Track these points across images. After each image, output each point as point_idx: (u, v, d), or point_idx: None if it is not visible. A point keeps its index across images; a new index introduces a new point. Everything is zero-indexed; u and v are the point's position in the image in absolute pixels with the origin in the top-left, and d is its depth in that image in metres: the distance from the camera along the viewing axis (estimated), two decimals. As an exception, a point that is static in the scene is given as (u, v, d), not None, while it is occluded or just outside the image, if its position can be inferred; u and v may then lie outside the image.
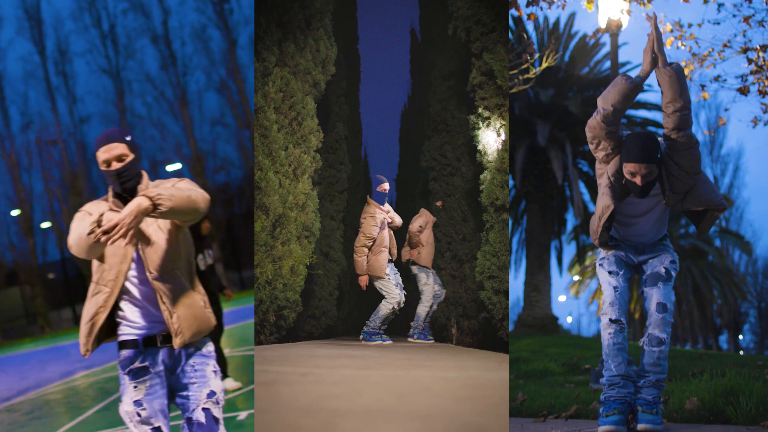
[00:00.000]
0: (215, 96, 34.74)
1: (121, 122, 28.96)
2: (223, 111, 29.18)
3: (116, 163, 2.48)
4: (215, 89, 28.86)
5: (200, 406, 2.52)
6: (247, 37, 26.19)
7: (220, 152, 29.87)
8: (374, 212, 6.44)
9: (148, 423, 2.48)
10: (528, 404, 4.37)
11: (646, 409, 3.11)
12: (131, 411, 2.49)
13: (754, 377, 4.53)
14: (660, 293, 3.12)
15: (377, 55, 23.40)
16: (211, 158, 29.04)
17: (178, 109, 29.11)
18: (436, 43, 7.70)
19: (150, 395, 2.50)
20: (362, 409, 2.30)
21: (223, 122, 29.26)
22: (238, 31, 28.21)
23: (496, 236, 5.59)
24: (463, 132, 6.89)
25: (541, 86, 15.96)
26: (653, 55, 2.96)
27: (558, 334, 16.16)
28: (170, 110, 29.34)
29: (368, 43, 17.38)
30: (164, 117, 29.53)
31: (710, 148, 37.39)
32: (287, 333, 6.22)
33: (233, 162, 28.45)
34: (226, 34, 28.15)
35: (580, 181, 16.76)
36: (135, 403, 2.48)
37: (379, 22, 17.45)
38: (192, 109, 30.50)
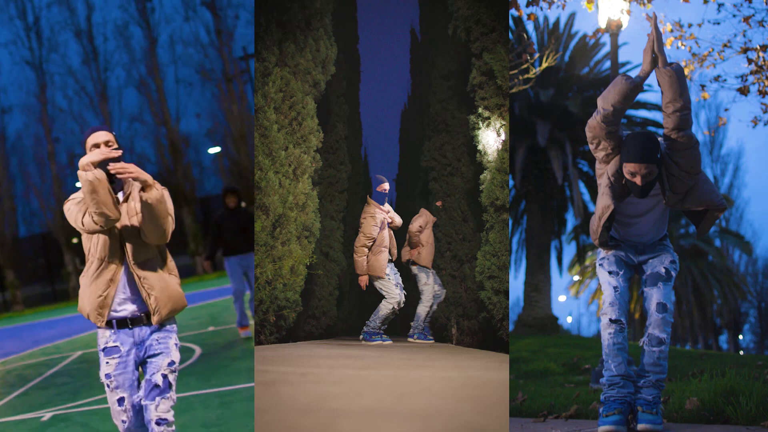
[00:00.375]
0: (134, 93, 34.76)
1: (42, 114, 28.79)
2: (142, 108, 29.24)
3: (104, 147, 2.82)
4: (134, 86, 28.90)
5: (160, 371, 2.96)
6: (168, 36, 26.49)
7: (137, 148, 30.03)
8: (374, 212, 6.44)
9: (115, 392, 2.97)
10: (528, 404, 4.37)
11: (646, 409, 3.12)
12: (104, 382, 2.98)
13: (754, 377, 4.53)
14: (660, 293, 3.12)
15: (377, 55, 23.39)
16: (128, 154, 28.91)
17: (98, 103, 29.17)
18: (436, 43, 7.70)
19: (118, 370, 2.95)
20: (362, 409, 2.30)
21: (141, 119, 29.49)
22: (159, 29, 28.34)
23: (496, 236, 5.59)
24: (463, 132, 6.89)
25: (541, 86, 15.96)
26: (653, 55, 2.96)
27: (558, 334, 16.16)
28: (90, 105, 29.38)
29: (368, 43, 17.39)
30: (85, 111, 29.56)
31: (710, 148, 37.39)
32: (287, 333, 6.22)
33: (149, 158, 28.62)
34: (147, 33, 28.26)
35: (580, 181, 16.76)
36: (106, 375, 2.96)
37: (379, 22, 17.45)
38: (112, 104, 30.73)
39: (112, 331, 2.95)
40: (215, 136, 25.57)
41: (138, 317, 2.95)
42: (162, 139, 27.48)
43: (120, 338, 2.95)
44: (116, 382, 2.95)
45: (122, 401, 2.96)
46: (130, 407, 2.96)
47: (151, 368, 2.97)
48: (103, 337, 2.97)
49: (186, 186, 24.91)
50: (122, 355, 2.95)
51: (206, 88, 25.54)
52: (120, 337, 2.95)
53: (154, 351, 2.97)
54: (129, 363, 2.97)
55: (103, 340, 2.97)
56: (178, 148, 25.55)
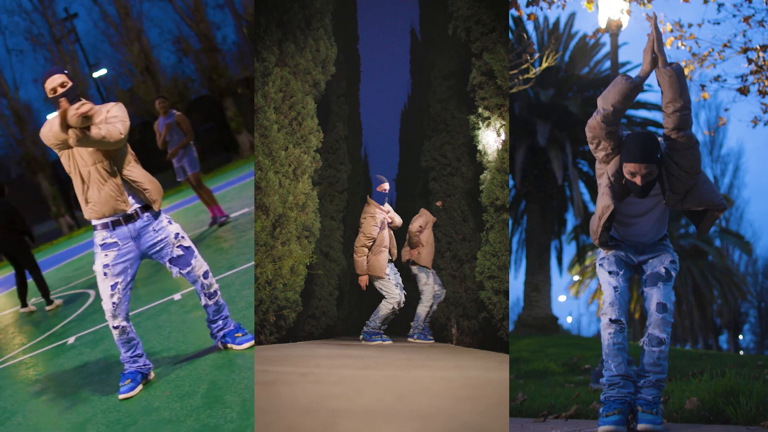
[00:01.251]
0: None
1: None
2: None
3: (60, 88, 3.43)
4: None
5: (174, 246, 3.74)
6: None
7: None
8: (374, 212, 6.44)
9: (111, 278, 3.60)
10: (528, 404, 4.36)
11: (646, 409, 3.12)
12: (100, 270, 3.59)
13: (754, 377, 4.53)
14: (660, 293, 3.12)
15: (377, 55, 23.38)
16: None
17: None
18: (436, 43, 7.70)
19: (115, 260, 3.60)
20: (362, 409, 2.30)
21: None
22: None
23: (496, 236, 5.59)
24: (463, 132, 6.89)
25: (541, 86, 15.96)
26: (653, 55, 2.96)
27: (558, 334, 16.16)
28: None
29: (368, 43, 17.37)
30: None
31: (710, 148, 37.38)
32: (287, 333, 6.22)
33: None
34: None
35: (580, 181, 16.76)
36: (104, 265, 3.59)
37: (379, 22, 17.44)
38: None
39: (109, 230, 3.56)
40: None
41: (130, 215, 3.60)
42: (5, 110, 27.86)
43: (117, 234, 3.58)
44: (113, 271, 3.58)
45: (115, 286, 3.58)
46: (122, 288, 3.60)
47: (164, 252, 3.70)
48: (101, 235, 3.57)
49: (36, 152, 25.18)
50: (120, 248, 3.59)
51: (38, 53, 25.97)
52: (117, 233, 3.58)
53: (156, 238, 3.67)
54: (125, 254, 3.61)
55: (100, 237, 3.57)
56: (21, 116, 25.84)
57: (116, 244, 3.58)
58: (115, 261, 3.58)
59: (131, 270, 3.64)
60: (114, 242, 3.57)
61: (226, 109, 23.66)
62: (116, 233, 3.57)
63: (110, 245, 3.57)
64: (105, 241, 3.56)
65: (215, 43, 24.27)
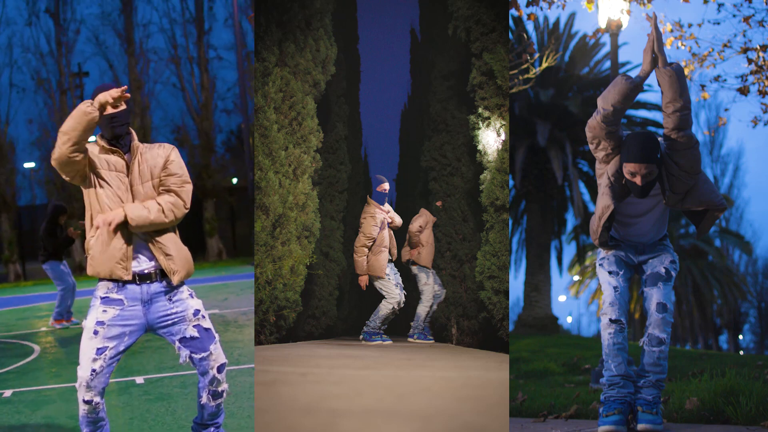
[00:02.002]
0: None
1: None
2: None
3: (111, 108, 2.82)
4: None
5: (190, 325, 2.94)
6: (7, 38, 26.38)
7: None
8: (374, 212, 6.44)
9: (101, 340, 2.83)
10: (528, 404, 4.36)
11: (646, 409, 3.12)
12: (90, 327, 2.85)
13: (754, 377, 4.53)
14: (660, 293, 3.12)
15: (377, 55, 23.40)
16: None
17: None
18: (436, 43, 7.70)
19: (114, 321, 2.86)
20: (362, 409, 2.30)
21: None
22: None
23: (496, 236, 5.59)
24: (463, 132, 6.89)
25: (541, 86, 15.96)
26: (653, 55, 2.96)
27: (558, 334, 16.16)
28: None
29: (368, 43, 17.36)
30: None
31: (710, 148, 37.39)
32: (287, 333, 6.22)
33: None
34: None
35: (580, 181, 16.76)
36: (97, 322, 2.85)
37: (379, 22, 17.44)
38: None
39: (116, 284, 2.90)
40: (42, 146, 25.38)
41: (146, 274, 2.91)
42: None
43: (125, 292, 2.90)
44: (106, 332, 2.85)
45: (102, 351, 2.84)
46: (109, 357, 2.85)
47: (176, 329, 2.94)
48: (105, 287, 2.91)
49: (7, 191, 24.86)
50: (124, 309, 2.89)
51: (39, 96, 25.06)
52: (125, 291, 2.90)
53: (170, 310, 2.94)
54: (128, 318, 2.89)
55: (103, 289, 2.91)
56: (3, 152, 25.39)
57: (121, 302, 2.89)
58: (114, 321, 2.86)
59: (128, 339, 2.90)
60: (119, 299, 2.89)
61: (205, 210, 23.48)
62: (125, 290, 2.90)
63: (113, 301, 2.89)
64: (108, 295, 2.89)
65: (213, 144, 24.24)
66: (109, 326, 2.85)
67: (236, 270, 17.01)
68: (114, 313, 2.87)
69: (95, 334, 2.84)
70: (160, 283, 2.94)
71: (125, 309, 2.89)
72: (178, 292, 2.99)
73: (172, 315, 2.95)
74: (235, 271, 16.53)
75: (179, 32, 24.26)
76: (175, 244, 2.95)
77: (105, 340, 2.84)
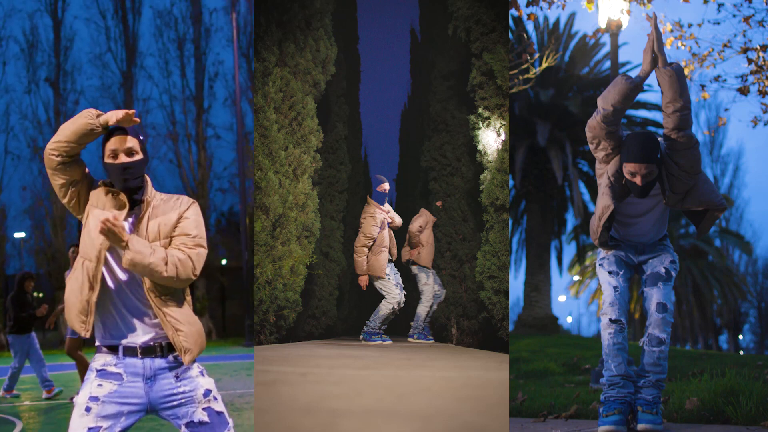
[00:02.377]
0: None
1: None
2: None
3: (125, 156, 2.44)
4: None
5: (199, 407, 2.50)
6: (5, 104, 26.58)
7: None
8: (374, 212, 6.44)
9: (94, 419, 2.41)
10: (528, 404, 4.36)
11: (646, 409, 3.12)
12: (82, 402, 2.44)
13: (754, 377, 4.53)
14: (660, 293, 3.12)
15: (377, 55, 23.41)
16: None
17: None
18: (436, 43, 7.70)
19: (111, 397, 2.44)
20: (362, 409, 2.30)
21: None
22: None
23: (496, 236, 5.59)
24: (463, 132, 6.89)
25: (541, 86, 15.97)
26: (653, 55, 2.96)
27: (558, 334, 16.16)
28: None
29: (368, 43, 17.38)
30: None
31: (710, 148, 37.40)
32: (287, 333, 6.22)
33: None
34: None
35: (580, 181, 16.77)
36: (91, 397, 2.43)
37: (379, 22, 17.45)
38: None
39: (115, 356, 2.48)
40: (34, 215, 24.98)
41: (150, 347, 2.49)
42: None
43: (125, 365, 2.48)
44: (100, 409, 2.42)
45: (94, 430, 2.40)
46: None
47: (182, 411, 2.50)
48: (102, 359, 2.50)
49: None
50: (122, 384, 2.46)
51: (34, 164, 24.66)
52: (125, 363, 2.48)
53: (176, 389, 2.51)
54: (126, 396, 2.47)
55: (100, 361, 2.50)
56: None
57: (119, 376, 2.46)
58: (109, 398, 2.43)
59: (126, 421, 2.46)
60: (117, 373, 2.46)
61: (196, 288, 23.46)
62: (125, 363, 2.47)
63: (110, 375, 2.46)
64: (105, 368, 2.48)
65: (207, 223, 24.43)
66: (104, 403, 2.43)
67: (228, 350, 16.58)
68: (111, 388, 2.45)
69: (87, 411, 2.42)
70: (165, 358, 2.50)
71: (124, 385, 2.46)
72: (187, 369, 2.56)
73: (179, 395, 2.51)
74: (226, 352, 16.08)
75: (179, 109, 24.38)
76: (188, 318, 2.53)
77: (98, 419, 2.41)
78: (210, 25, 25.18)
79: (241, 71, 22.32)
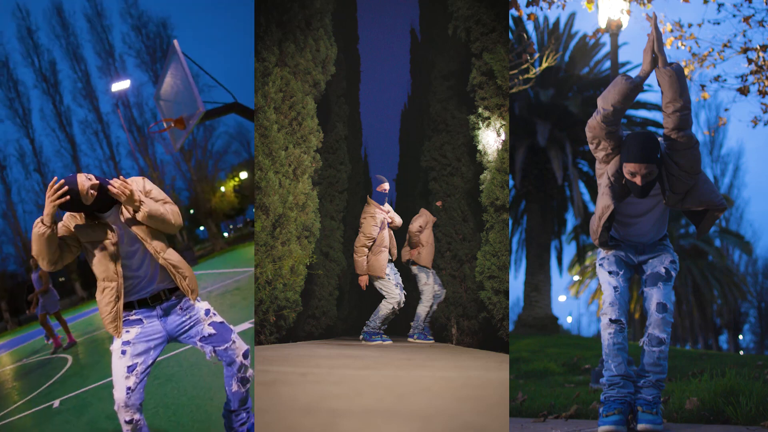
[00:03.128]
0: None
1: None
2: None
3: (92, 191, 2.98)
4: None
5: (205, 324, 3.18)
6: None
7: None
8: (374, 212, 6.44)
9: (130, 358, 3.03)
10: (528, 404, 4.36)
11: (646, 409, 3.12)
12: (117, 348, 3.06)
13: (754, 377, 4.53)
14: (660, 293, 3.12)
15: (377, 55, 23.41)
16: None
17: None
18: (436, 43, 7.70)
19: (138, 338, 3.07)
20: (362, 409, 2.30)
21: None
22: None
23: (496, 236, 5.59)
24: (463, 132, 6.89)
25: (541, 86, 15.97)
26: (653, 55, 2.96)
27: (558, 334, 16.15)
28: None
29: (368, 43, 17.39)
30: None
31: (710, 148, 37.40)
32: (287, 333, 6.22)
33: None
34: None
35: (580, 181, 16.76)
36: (124, 342, 3.06)
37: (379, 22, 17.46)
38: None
39: (134, 310, 3.11)
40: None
41: (156, 295, 3.13)
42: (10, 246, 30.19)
43: (140, 312, 3.11)
44: (132, 349, 3.04)
45: (133, 368, 3.01)
46: (140, 372, 3.03)
47: (194, 331, 3.16)
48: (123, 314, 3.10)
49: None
50: (144, 326, 3.10)
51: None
52: (140, 311, 3.11)
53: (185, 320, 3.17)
54: (150, 333, 3.10)
55: (123, 316, 3.10)
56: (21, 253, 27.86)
57: (140, 321, 3.10)
58: (138, 339, 3.07)
59: (154, 353, 3.10)
60: (137, 319, 3.10)
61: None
62: (140, 311, 3.12)
63: (132, 322, 3.09)
64: (127, 318, 3.10)
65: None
66: (134, 344, 3.05)
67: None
68: (137, 331, 3.08)
69: (123, 354, 3.03)
70: (169, 300, 3.17)
71: (145, 326, 3.10)
72: (186, 301, 3.21)
73: (188, 320, 3.17)
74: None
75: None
76: (186, 266, 3.22)
77: (133, 357, 3.03)
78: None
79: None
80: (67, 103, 38.69)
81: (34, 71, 37.79)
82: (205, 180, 36.06)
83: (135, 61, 35.24)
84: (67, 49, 37.86)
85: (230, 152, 37.95)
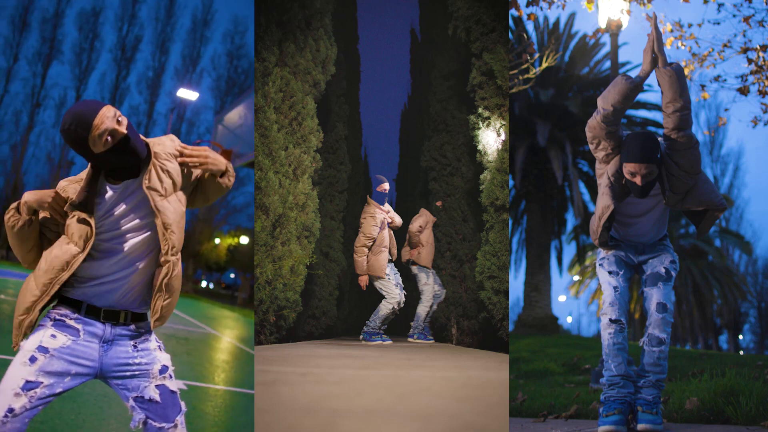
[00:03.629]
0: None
1: None
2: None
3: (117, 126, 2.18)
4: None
5: (153, 383, 2.27)
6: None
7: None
8: (374, 212, 6.45)
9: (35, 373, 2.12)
10: (528, 404, 4.36)
11: (646, 409, 3.11)
12: (28, 349, 2.16)
13: (754, 377, 4.53)
14: (660, 293, 3.12)
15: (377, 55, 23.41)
16: None
17: None
18: (436, 43, 7.70)
19: (62, 352, 2.18)
20: (362, 409, 2.30)
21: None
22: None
23: (496, 236, 5.59)
24: (463, 132, 6.89)
25: (541, 86, 15.97)
26: (653, 55, 2.96)
27: (558, 334, 16.16)
28: None
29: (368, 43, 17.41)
30: None
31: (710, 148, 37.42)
32: (287, 333, 6.22)
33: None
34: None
35: (580, 181, 16.77)
36: (40, 347, 2.15)
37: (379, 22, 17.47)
38: None
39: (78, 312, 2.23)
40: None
41: (114, 312, 2.26)
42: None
43: (84, 323, 2.22)
44: (46, 363, 2.14)
45: (33, 386, 2.10)
46: (37, 398, 2.10)
47: (133, 384, 2.26)
48: (62, 311, 2.23)
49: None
50: (77, 342, 2.19)
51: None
52: (86, 321, 2.22)
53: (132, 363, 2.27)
54: (78, 355, 2.20)
55: (60, 312, 2.23)
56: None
57: (76, 331, 2.20)
58: (60, 353, 2.15)
59: (69, 382, 2.17)
60: (75, 329, 2.20)
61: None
62: (84, 319, 2.22)
63: (67, 328, 2.19)
64: (64, 319, 2.21)
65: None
66: (52, 357, 2.15)
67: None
68: (64, 342, 2.18)
69: (31, 362, 2.13)
70: (127, 327, 2.28)
71: (78, 342, 2.20)
72: (146, 340, 2.32)
73: (134, 366, 2.27)
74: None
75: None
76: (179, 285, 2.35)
77: (40, 374, 2.12)
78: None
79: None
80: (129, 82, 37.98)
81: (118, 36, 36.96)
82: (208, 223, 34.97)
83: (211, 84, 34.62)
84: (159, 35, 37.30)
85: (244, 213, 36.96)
